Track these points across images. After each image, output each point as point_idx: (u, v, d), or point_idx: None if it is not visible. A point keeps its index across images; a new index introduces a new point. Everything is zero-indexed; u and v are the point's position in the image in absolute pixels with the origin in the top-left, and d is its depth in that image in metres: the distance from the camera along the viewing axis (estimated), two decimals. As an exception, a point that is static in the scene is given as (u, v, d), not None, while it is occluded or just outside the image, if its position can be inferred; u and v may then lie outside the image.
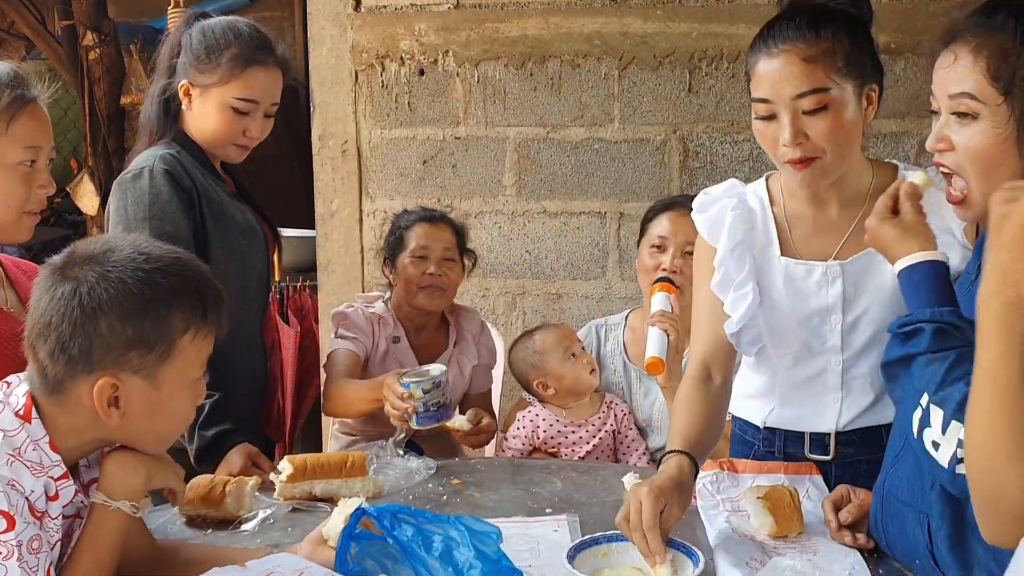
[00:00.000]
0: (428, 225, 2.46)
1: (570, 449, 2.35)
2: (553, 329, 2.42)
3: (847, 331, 1.74)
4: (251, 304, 2.30)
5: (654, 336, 2.08)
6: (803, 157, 1.62)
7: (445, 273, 2.43)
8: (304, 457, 1.95)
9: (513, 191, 3.23)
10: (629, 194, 3.16)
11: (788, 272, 1.75)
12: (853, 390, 1.76)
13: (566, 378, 2.35)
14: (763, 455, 1.90)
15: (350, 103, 3.28)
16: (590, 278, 3.22)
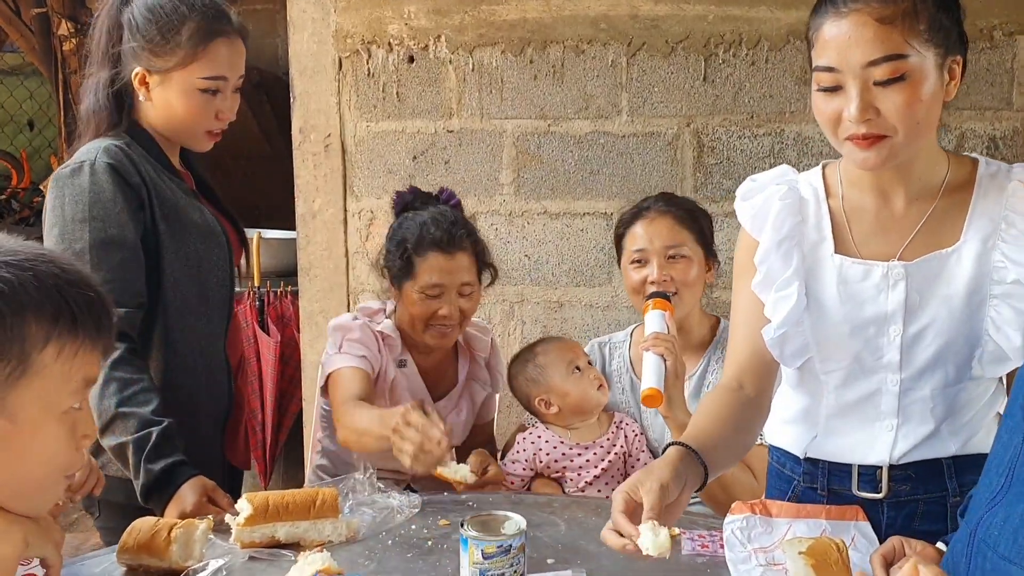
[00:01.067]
0: (444, 257, 2.08)
1: (576, 473, 2.13)
2: (556, 342, 2.22)
3: (908, 345, 1.52)
4: (211, 317, 2.05)
5: (650, 364, 1.88)
6: (870, 134, 1.41)
7: (460, 309, 2.13)
8: (266, 495, 1.68)
9: (511, 190, 3.01)
10: (638, 193, 2.88)
11: (842, 272, 1.55)
12: (911, 416, 1.55)
13: (571, 395, 2.14)
14: (803, 491, 1.68)
15: (333, 93, 3.07)
16: (595, 285, 3.00)
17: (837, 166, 1.62)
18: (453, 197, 2.22)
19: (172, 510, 1.75)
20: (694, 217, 2.19)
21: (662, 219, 2.15)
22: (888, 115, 1.41)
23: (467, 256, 2.12)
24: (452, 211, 2.16)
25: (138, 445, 1.77)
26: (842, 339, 1.55)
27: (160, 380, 1.94)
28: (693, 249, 2.14)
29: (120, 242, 1.85)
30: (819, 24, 1.47)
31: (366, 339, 2.12)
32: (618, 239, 2.24)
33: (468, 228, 2.15)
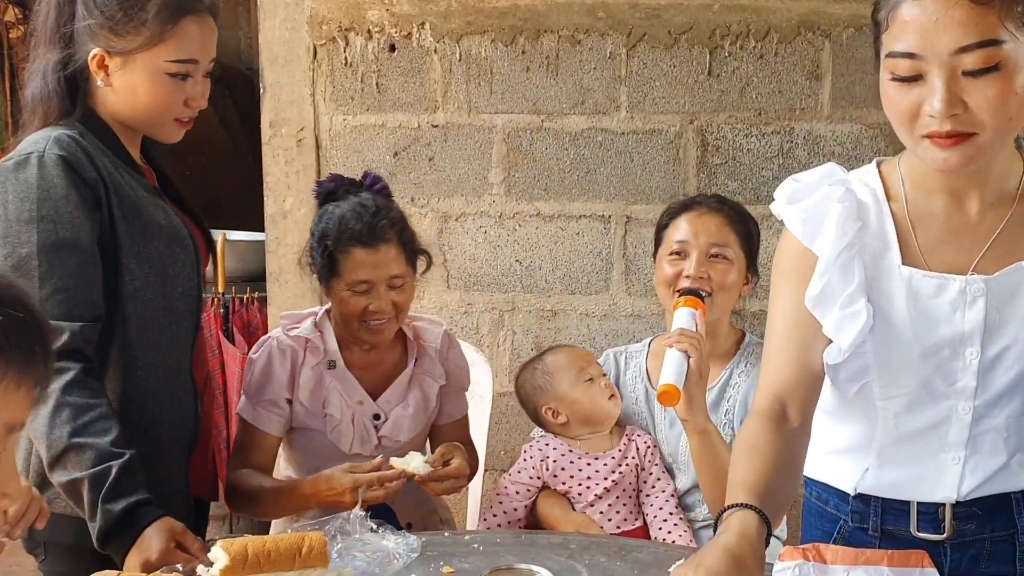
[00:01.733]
0: (367, 251, 1.96)
1: (584, 485, 1.99)
2: (566, 349, 2.13)
3: (985, 369, 1.37)
4: (176, 330, 1.82)
5: (672, 360, 1.76)
6: (954, 131, 1.24)
7: (393, 302, 2.00)
8: (244, 543, 1.46)
9: (501, 189, 2.82)
10: (638, 194, 2.77)
11: (912, 286, 1.38)
12: (981, 448, 1.40)
13: (580, 403, 2.03)
14: (852, 532, 1.50)
15: (307, 84, 2.87)
16: (591, 292, 2.81)
17: (896, 164, 1.44)
18: (379, 182, 2.09)
19: (134, 558, 1.52)
20: (745, 222, 2.07)
21: (712, 216, 2.03)
22: (977, 110, 1.24)
23: (393, 247, 1.98)
24: (376, 199, 2.02)
25: (95, 481, 1.55)
26: (911, 363, 1.38)
27: (118, 403, 1.72)
28: (737, 254, 2.02)
29: (73, 245, 1.63)
30: (896, 2, 1.28)
31: (272, 373, 2.03)
32: (660, 229, 2.12)
33: (392, 217, 2.01)
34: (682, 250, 1.99)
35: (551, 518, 1.97)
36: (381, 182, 2.10)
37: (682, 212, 2.05)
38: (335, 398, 2.04)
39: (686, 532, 1.92)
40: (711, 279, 1.95)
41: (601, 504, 1.95)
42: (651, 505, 1.97)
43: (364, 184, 2.08)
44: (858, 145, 2.65)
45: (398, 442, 2.07)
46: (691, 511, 1.99)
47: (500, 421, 2.86)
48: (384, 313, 1.98)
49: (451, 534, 1.68)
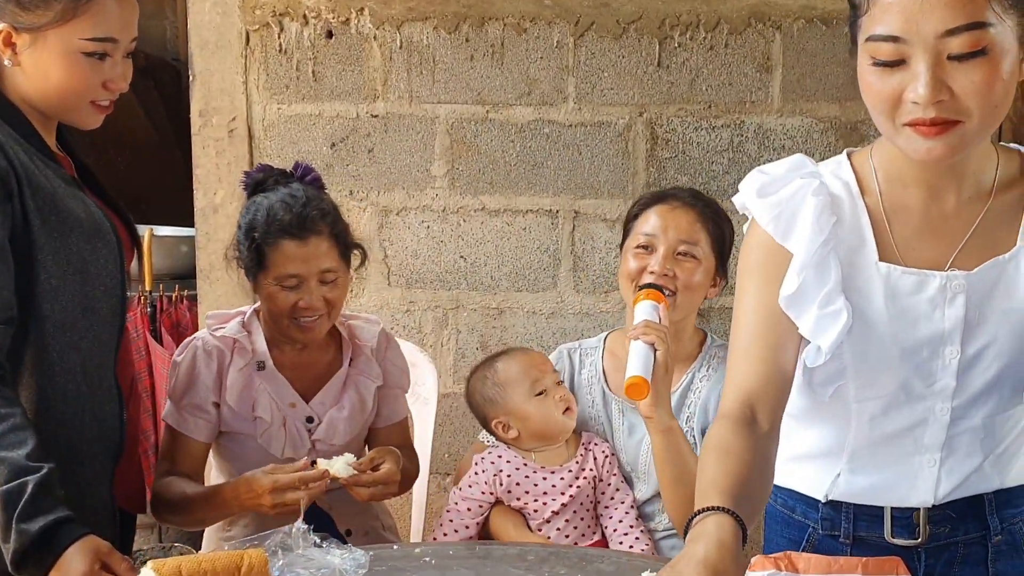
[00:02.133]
0: (297, 244, 1.86)
1: (540, 501, 1.88)
2: (519, 356, 1.98)
3: (964, 368, 1.32)
4: (99, 332, 1.69)
5: (638, 351, 1.67)
6: (939, 119, 1.18)
7: (325, 298, 1.90)
8: (178, 562, 1.35)
9: (444, 183, 2.72)
10: (586, 189, 2.70)
11: (890, 284, 1.32)
12: (957, 449, 1.36)
13: (532, 419, 1.91)
14: (822, 540, 1.44)
15: (239, 72, 2.74)
16: (538, 290, 2.73)
17: (868, 156, 1.37)
18: (311, 172, 2.01)
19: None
20: (719, 221, 1.97)
21: (684, 211, 1.93)
22: (963, 96, 1.18)
23: (324, 240, 1.89)
24: (307, 190, 1.94)
25: (9, 499, 1.41)
26: (890, 363, 1.33)
27: (34, 412, 1.58)
28: (706, 253, 1.92)
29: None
30: None
31: (198, 376, 1.94)
32: (629, 219, 2.01)
33: (323, 208, 1.92)
34: (649, 244, 1.90)
35: (504, 537, 1.88)
36: (313, 173, 2.01)
37: (654, 203, 1.96)
38: (265, 401, 1.93)
39: (648, 545, 1.84)
40: (676, 277, 1.86)
41: (558, 520, 1.86)
42: (610, 518, 1.89)
43: (295, 175, 1.99)
44: (809, 139, 2.61)
45: (333, 446, 1.97)
46: (651, 521, 1.90)
47: (445, 423, 2.77)
48: (315, 310, 1.89)
49: (400, 547, 1.58)
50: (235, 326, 1.98)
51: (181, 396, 1.93)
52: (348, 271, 1.97)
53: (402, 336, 2.72)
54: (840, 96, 2.59)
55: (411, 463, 2.05)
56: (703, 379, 1.92)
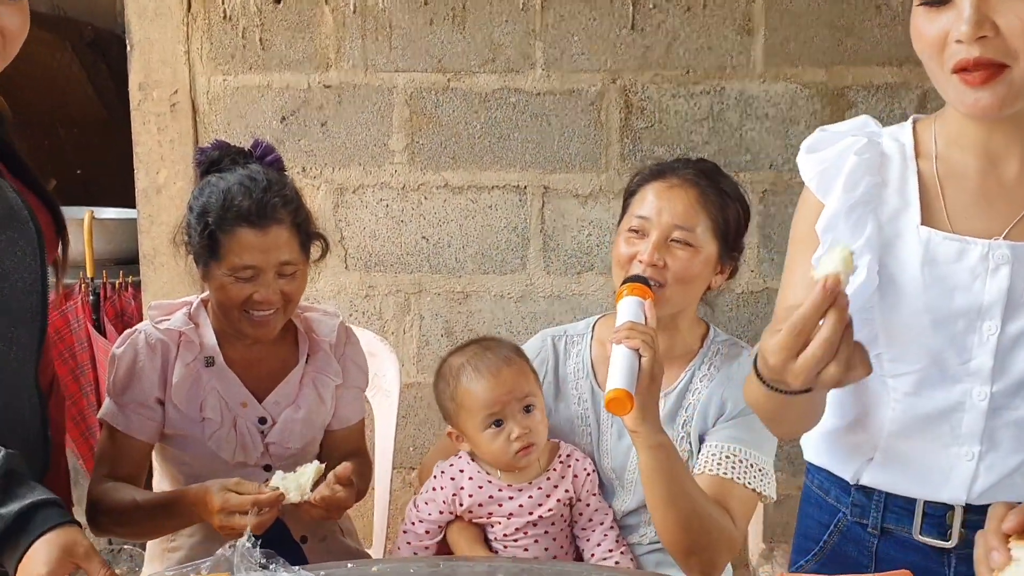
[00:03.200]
0: (255, 233, 1.70)
1: (503, 519, 1.68)
2: (487, 374, 1.67)
3: (1005, 349, 1.24)
4: (16, 335, 1.51)
5: (620, 359, 1.47)
6: (982, 60, 1.13)
7: (282, 291, 1.74)
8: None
9: (404, 158, 2.56)
10: (556, 162, 2.54)
11: (930, 248, 1.26)
12: (999, 443, 1.28)
13: (482, 450, 1.70)
14: (850, 527, 1.39)
15: (180, 41, 2.58)
16: (506, 272, 2.58)
17: (932, 123, 1.33)
18: (271, 152, 1.84)
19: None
20: (723, 202, 1.71)
21: (683, 190, 1.69)
22: (1009, 34, 1.12)
23: (284, 230, 1.73)
24: (267, 172, 1.77)
25: None
26: (921, 332, 1.26)
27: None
28: (704, 239, 1.68)
29: None
30: None
31: (139, 370, 1.78)
32: (627, 195, 1.79)
33: (286, 195, 1.76)
34: (641, 228, 1.68)
35: (459, 553, 1.70)
36: (274, 153, 1.84)
37: (652, 180, 1.73)
38: (214, 400, 1.78)
39: (630, 566, 1.66)
40: (667, 268, 1.65)
41: (524, 539, 1.68)
42: (587, 540, 1.70)
43: (254, 154, 1.81)
44: (793, 106, 2.45)
45: (288, 449, 1.81)
46: (632, 534, 1.71)
47: (409, 415, 2.61)
48: (270, 303, 1.73)
49: (356, 565, 1.41)
50: (181, 318, 1.81)
51: (121, 392, 1.76)
52: (307, 263, 1.80)
53: (361, 323, 2.55)
54: (827, 60, 2.43)
55: (363, 475, 1.87)
56: (703, 379, 1.71)
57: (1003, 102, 1.15)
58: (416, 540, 1.70)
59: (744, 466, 1.61)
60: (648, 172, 1.75)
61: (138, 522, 1.72)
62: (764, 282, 2.50)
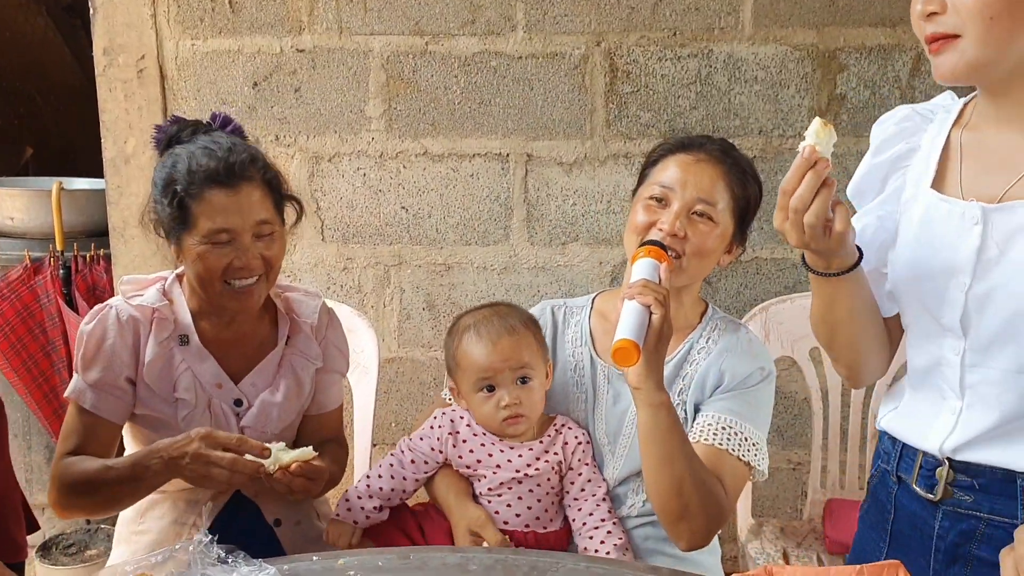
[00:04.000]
0: (226, 193, 1.61)
1: (491, 471, 1.66)
2: (490, 338, 1.66)
3: (974, 306, 1.29)
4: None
5: (631, 312, 1.44)
6: (936, 33, 1.24)
7: (262, 256, 1.66)
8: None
9: (381, 125, 2.46)
10: (539, 129, 2.44)
11: (928, 210, 1.35)
12: (975, 401, 1.32)
13: (474, 411, 1.70)
14: (882, 475, 1.46)
15: (146, 3, 2.46)
16: (489, 243, 2.49)
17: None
18: (230, 122, 1.75)
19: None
20: (745, 183, 1.69)
21: (709, 166, 1.66)
22: (958, 9, 1.20)
23: (256, 188, 1.65)
24: (229, 136, 1.70)
25: None
26: (909, 286, 1.37)
27: None
28: (724, 216, 1.65)
29: None
30: None
31: (109, 347, 1.69)
32: (647, 164, 1.74)
33: (252, 153, 1.68)
34: (664, 197, 1.64)
35: (444, 505, 1.66)
36: (233, 123, 1.74)
37: (677, 151, 1.71)
38: (187, 379, 1.70)
39: (620, 540, 1.61)
40: (687, 239, 1.62)
41: (509, 495, 1.63)
42: (579, 510, 1.67)
43: (212, 125, 1.72)
44: (783, 69, 2.36)
45: (264, 433, 1.74)
46: (622, 505, 1.67)
47: (391, 390, 2.54)
48: (252, 270, 1.64)
49: (320, 558, 1.34)
50: (154, 294, 1.73)
51: (90, 370, 1.68)
52: (284, 227, 1.72)
53: (340, 297, 2.47)
54: (817, 21, 2.34)
55: (339, 460, 1.84)
56: (701, 351, 1.68)
57: (954, 68, 1.22)
58: (400, 470, 1.68)
59: (739, 439, 1.58)
60: (673, 143, 1.72)
61: (108, 486, 1.60)
62: (754, 251, 2.42)
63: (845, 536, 1.97)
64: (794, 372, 2.43)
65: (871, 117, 2.37)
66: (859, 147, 2.37)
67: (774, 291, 2.39)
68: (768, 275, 2.43)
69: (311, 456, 1.56)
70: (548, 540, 1.62)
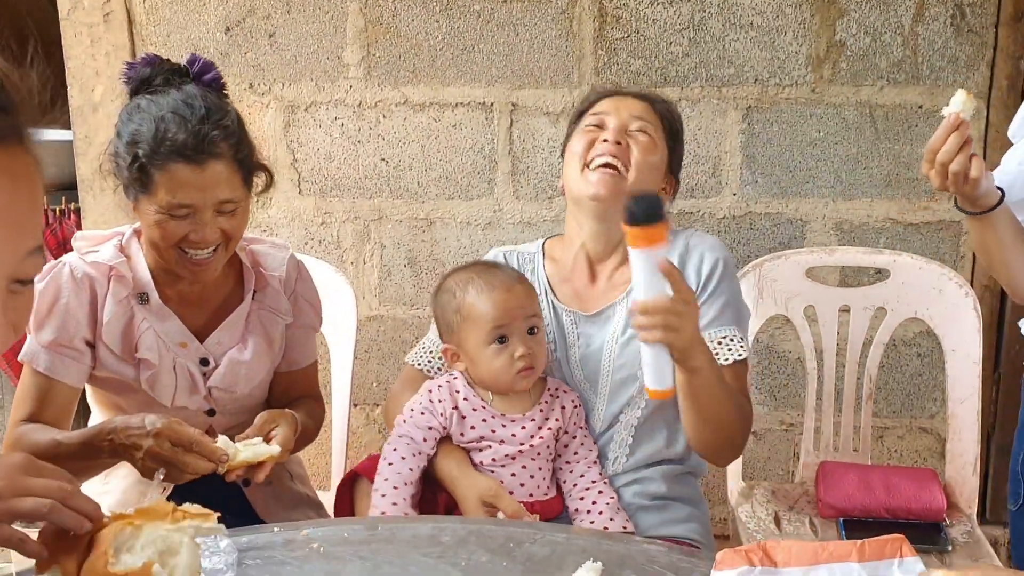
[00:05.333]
0: (191, 169, 1.51)
1: (497, 445, 1.58)
2: (499, 288, 1.58)
3: None
4: None
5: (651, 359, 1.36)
6: None
7: (221, 229, 1.56)
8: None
9: (360, 72, 2.35)
10: (525, 77, 2.33)
11: None
12: None
13: (481, 367, 1.59)
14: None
15: None
16: (473, 197, 2.39)
17: None
18: (210, 70, 1.63)
19: None
20: (669, 115, 1.72)
21: (635, 100, 1.70)
22: None
23: (224, 165, 1.54)
24: (206, 96, 1.57)
25: None
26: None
27: None
28: (660, 138, 1.67)
29: None
30: None
31: (58, 311, 1.60)
32: (575, 118, 1.75)
33: (227, 126, 1.56)
34: (600, 123, 1.66)
35: (447, 477, 1.58)
36: (213, 71, 1.62)
37: (604, 97, 1.73)
38: (149, 339, 1.62)
39: (612, 499, 1.56)
40: (630, 150, 1.61)
41: (513, 465, 1.57)
42: (570, 472, 1.61)
43: (190, 72, 1.60)
44: (780, 14, 2.25)
45: (233, 394, 1.67)
46: (605, 460, 1.63)
47: (371, 349, 2.46)
48: (208, 243, 1.55)
49: (281, 529, 1.27)
50: (111, 250, 1.63)
51: (44, 330, 1.59)
52: (250, 197, 1.62)
53: (318, 252, 2.38)
54: (817, -38, 2.23)
55: (314, 415, 1.78)
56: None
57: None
58: (415, 445, 1.56)
59: (731, 344, 1.60)
60: (597, 94, 1.75)
61: (59, 463, 1.55)
62: (747, 206, 2.33)
63: (838, 500, 1.92)
64: (788, 331, 2.35)
65: (871, 65, 2.28)
66: (858, 96, 2.27)
67: (768, 247, 2.31)
68: (762, 231, 2.34)
69: (273, 456, 1.50)
70: (549, 506, 1.56)
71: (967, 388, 1.95)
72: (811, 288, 2.03)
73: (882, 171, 2.31)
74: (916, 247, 2.31)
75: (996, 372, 2.39)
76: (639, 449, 1.63)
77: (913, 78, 2.26)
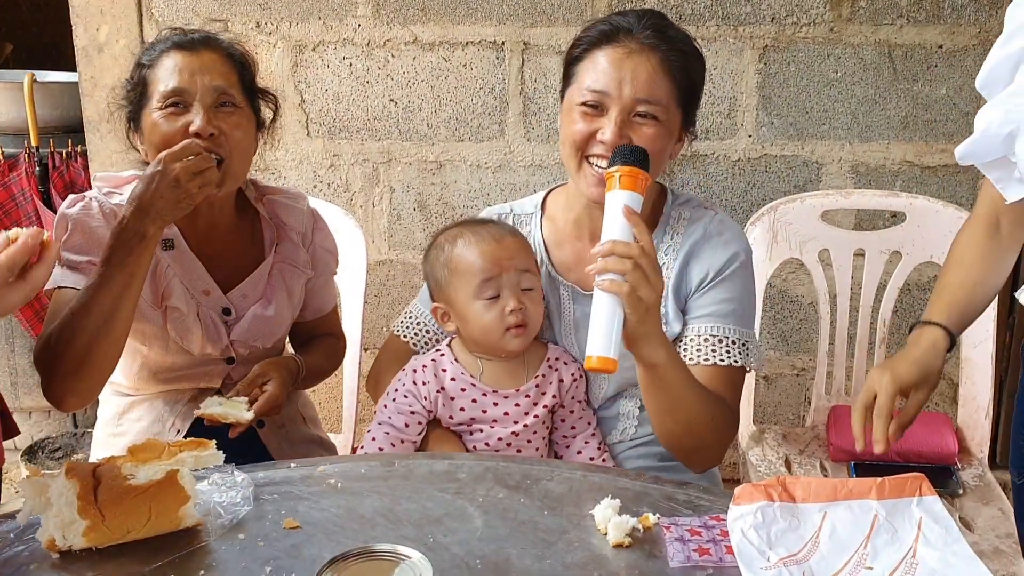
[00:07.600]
0: (183, 54, 1.54)
1: (489, 427, 1.52)
2: (488, 240, 1.50)
3: None
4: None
5: (601, 312, 1.25)
6: None
7: (221, 129, 1.50)
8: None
9: (368, 11, 2.30)
10: (537, 14, 2.28)
11: None
12: None
13: (471, 324, 1.51)
14: None
15: None
16: (483, 139, 2.35)
17: None
18: None
19: None
20: (686, 65, 1.47)
21: (643, 57, 1.43)
22: None
23: (218, 56, 1.56)
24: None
25: None
26: None
27: None
28: (669, 111, 1.45)
29: None
30: None
31: (91, 231, 1.55)
32: (570, 61, 1.51)
33: (225, 37, 1.63)
34: (599, 103, 1.44)
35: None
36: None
37: (603, 44, 1.47)
38: (175, 285, 1.60)
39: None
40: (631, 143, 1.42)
41: (508, 451, 1.52)
42: (567, 448, 1.57)
43: None
44: (799, -49, 2.19)
45: (255, 348, 1.67)
46: (611, 431, 1.58)
47: (381, 293, 2.45)
48: (205, 133, 1.47)
49: (299, 465, 1.27)
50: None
51: (77, 251, 1.53)
52: (253, 117, 1.59)
53: (327, 195, 2.36)
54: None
55: (335, 352, 1.83)
56: (669, 251, 1.53)
57: None
58: (397, 433, 1.52)
59: (728, 344, 1.47)
60: (597, 34, 1.48)
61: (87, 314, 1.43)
62: (763, 147, 2.29)
63: (849, 444, 1.91)
64: (801, 275, 2.33)
65: (891, 3, 2.22)
66: (876, 36, 2.22)
67: (783, 190, 2.28)
68: (777, 173, 2.31)
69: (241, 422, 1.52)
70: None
71: (981, 332, 1.93)
72: (826, 231, 2.01)
73: (900, 113, 2.27)
74: (933, 190, 2.27)
75: (1010, 317, 2.37)
76: (648, 421, 1.50)
77: (934, 16, 2.20)
